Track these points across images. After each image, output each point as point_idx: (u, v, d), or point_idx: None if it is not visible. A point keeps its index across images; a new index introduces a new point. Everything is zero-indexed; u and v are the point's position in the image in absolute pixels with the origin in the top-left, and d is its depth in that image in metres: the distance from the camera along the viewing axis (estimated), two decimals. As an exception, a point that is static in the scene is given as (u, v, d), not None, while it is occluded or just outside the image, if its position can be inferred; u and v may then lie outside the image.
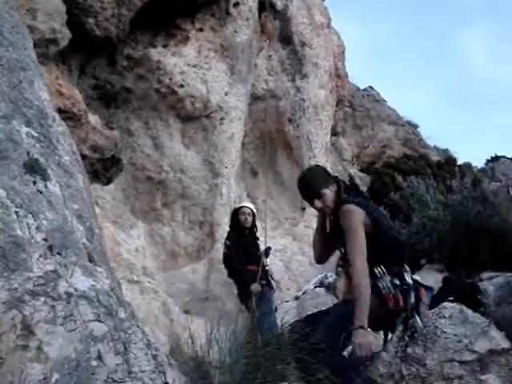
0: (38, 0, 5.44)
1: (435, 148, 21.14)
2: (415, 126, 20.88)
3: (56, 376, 2.10)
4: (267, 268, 7.24)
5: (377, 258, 3.76)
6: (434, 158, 18.78)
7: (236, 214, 7.52)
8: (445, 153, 21.16)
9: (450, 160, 18.88)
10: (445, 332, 4.08)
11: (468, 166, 20.39)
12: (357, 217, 3.76)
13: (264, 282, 6.94)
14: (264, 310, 5.94)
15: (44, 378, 2.08)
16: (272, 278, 7.40)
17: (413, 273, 7.74)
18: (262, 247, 7.46)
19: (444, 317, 4.21)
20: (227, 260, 7.20)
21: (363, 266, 3.63)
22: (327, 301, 6.89)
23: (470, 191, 10.51)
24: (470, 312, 4.28)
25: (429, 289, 4.13)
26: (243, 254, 7.11)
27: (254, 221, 7.48)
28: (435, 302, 4.61)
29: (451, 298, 4.73)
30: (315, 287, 8.16)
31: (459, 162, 19.48)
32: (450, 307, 4.32)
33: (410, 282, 3.95)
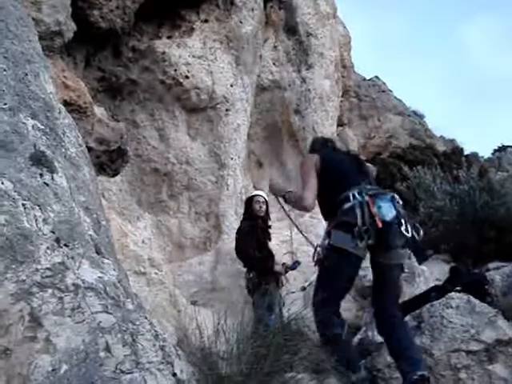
0: (43, -8, 5.44)
1: (442, 138, 21.05)
2: (421, 116, 20.81)
3: (64, 367, 2.11)
4: (277, 269, 7.13)
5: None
6: (441, 148, 18.72)
7: (250, 202, 7.44)
8: (451, 143, 21.08)
9: (456, 150, 18.82)
10: (452, 322, 4.09)
11: (475, 155, 20.34)
12: None
13: (271, 277, 6.88)
14: (269, 303, 5.92)
15: (53, 370, 2.09)
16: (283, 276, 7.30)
17: (420, 263, 7.75)
18: (274, 237, 7.41)
19: (451, 307, 4.21)
20: (242, 249, 7.05)
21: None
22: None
23: (477, 181, 10.49)
24: (477, 302, 4.28)
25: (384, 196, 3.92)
26: (256, 243, 7.04)
27: (267, 210, 7.42)
28: (442, 293, 4.62)
29: (458, 289, 4.73)
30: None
31: (466, 152, 19.42)
32: (457, 297, 4.33)
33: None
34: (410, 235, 3.85)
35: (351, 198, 3.84)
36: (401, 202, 3.97)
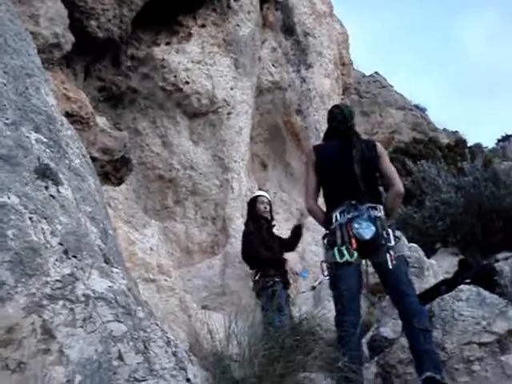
0: (40, 5, 5.46)
1: (444, 131, 21.02)
2: (423, 110, 20.82)
3: (79, 378, 2.12)
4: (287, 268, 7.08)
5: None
6: (444, 140, 18.70)
7: (254, 203, 7.40)
8: (454, 135, 21.04)
9: (460, 142, 18.79)
10: (463, 315, 4.08)
11: (478, 146, 20.27)
12: None
13: (279, 278, 6.79)
14: (278, 306, 5.88)
15: (67, 381, 2.10)
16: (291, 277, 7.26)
17: (428, 257, 7.73)
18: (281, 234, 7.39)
19: (461, 300, 4.21)
20: (248, 249, 6.99)
21: None
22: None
23: (482, 172, 10.48)
24: (487, 293, 4.28)
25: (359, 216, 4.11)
26: (261, 244, 6.99)
27: (271, 210, 7.40)
28: (452, 286, 4.61)
29: (468, 281, 4.72)
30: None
31: (469, 144, 19.37)
32: (466, 290, 4.32)
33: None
34: (392, 244, 4.03)
35: (334, 220, 4.16)
36: (380, 214, 4.05)
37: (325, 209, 4.37)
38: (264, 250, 6.80)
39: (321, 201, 4.48)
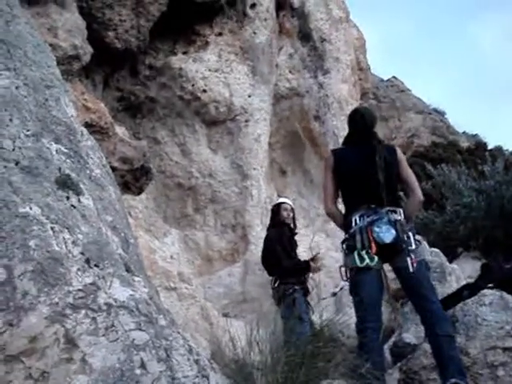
0: (58, 17, 5.53)
1: (464, 134, 20.84)
2: (442, 114, 20.64)
3: (102, 386, 2.13)
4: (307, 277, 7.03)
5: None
6: (464, 144, 18.54)
7: (278, 209, 7.36)
8: (474, 138, 20.85)
9: (480, 145, 18.61)
10: (486, 319, 4.04)
11: (499, 149, 20.04)
12: None
13: (298, 286, 6.74)
14: (298, 315, 5.84)
15: (90, 389, 2.11)
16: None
17: (450, 262, 7.66)
18: (301, 245, 7.35)
19: (484, 304, 4.16)
20: (270, 257, 6.95)
21: None
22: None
23: (503, 175, 10.38)
24: (510, 298, 4.22)
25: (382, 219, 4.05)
26: (283, 251, 6.94)
27: (293, 218, 7.36)
28: (475, 290, 4.56)
29: (491, 285, 4.67)
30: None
31: (490, 147, 19.17)
32: (489, 294, 4.27)
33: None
34: (413, 248, 3.98)
35: (353, 223, 4.09)
36: (400, 218, 4.02)
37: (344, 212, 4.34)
38: (286, 258, 6.76)
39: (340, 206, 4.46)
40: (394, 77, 20.15)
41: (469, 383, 3.64)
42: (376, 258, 3.92)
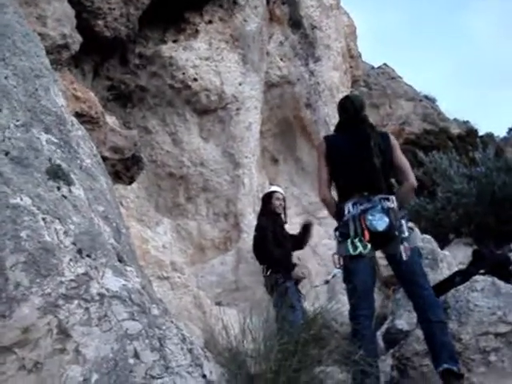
0: (47, 6, 5.47)
1: (455, 121, 20.87)
2: (433, 100, 20.66)
3: (95, 376, 2.13)
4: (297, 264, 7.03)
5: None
6: (455, 130, 18.57)
7: (269, 198, 7.34)
8: (465, 125, 20.88)
9: (471, 132, 18.66)
10: (478, 305, 4.06)
11: (490, 136, 20.10)
12: None
13: (289, 275, 6.74)
14: (290, 303, 5.84)
15: (84, 380, 2.11)
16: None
17: (442, 248, 7.70)
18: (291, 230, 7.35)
19: (476, 290, 4.18)
20: (261, 245, 6.94)
21: None
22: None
23: (494, 162, 10.43)
24: (502, 284, 4.25)
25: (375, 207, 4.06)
26: (273, 240, 6.93)
27: (284, 207, 7.35)
28: (466, 277, 4.58)
29: (482, 271, 4.69)
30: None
31: (481, 133, 19.22)
32: (481, 280, 4.29)
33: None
34: (406, 235, 4.00)
35: (346, 211, 4.10)
36: (393, 205, 4.01)
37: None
38: (276, 248, 6.75)
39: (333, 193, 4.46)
40: (384, 64, 20.14)
41: (461, 369, 3.66)
42: (369, 246, 3.93)
